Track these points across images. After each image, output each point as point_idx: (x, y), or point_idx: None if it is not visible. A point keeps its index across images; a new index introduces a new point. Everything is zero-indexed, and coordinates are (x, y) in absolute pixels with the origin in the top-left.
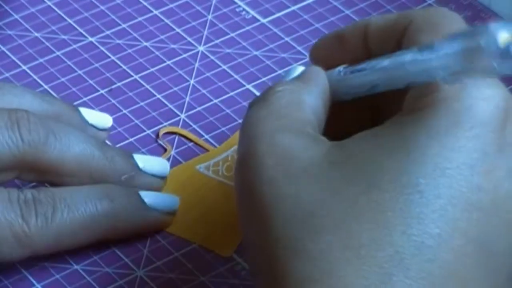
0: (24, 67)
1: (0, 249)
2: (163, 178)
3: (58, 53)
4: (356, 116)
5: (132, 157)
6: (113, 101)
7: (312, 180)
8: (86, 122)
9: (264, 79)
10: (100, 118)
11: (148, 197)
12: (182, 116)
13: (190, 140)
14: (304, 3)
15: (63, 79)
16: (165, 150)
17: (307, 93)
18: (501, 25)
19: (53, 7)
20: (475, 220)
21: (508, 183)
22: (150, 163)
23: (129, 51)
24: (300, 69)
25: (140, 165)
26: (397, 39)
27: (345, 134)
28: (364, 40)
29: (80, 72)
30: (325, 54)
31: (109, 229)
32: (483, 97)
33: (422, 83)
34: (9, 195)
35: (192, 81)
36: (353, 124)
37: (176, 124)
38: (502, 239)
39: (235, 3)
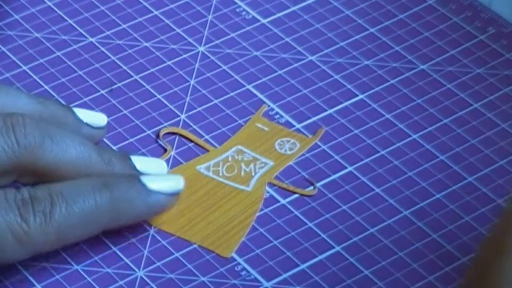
0: (24, 68)
1: (2, 251)
2: None
3: (58, 53)
4: None
5: (130, 159)
6: (113, 101)
7: None
8: (81, 121)
9: (264, 79)
10: (94, 117)
11: (150, 181)
12: (182, 116)
13: (191, 141)
14: (304, 4)
15: (63, 80)
16: (165, 150)
17: None
18: None
19: (54, 7)
20: None
21: None
22: (148, 164)
23: (130, 51)
24: None
25: (138, 166)
26: None
27: None
28: None
29: (80, 72)
30: None
31: (111, 219)
32: None
33: None
34: (5, 195)
35: (192, 82)
36: None
37: (176, 124)
38: None
39: (236, 3)
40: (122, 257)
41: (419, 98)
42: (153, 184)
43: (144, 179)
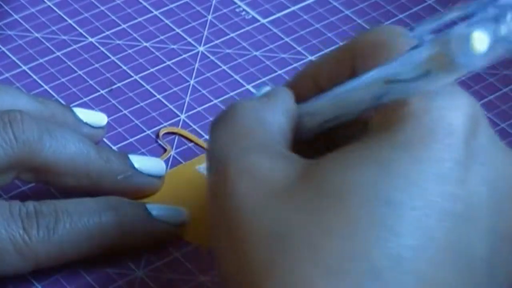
0: (24, 68)
1: (3, 262)
2: (159, 178)
3: (58, 53)
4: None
5: (128, 158)
6: (113, 101)
7: (283, 200)
8: (81, 121)
9: (264, 79)
10: (94, 116)
11: (156, 209)
12: (182, 116)
13: (190, 141)
14: (304, 4)
15: (63, 80)
16: (165, 150)
17: (269, 110)
18: (470, 28)
19: (53, 7)
20: (451, 228)
21: (482, 189)
22: (146, 163)
23: (129, 51)
24: (266, 88)
25: (136, 165)
26: (349, 73)
27: (316, 152)
28: (316, 85)
29: (80, 72)
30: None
31: (114, 241)
32: (451, 107)
33: (381, 104)
34: (10, 208)
35: (192, 82)
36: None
37: (176, 124)
38: (480, 245)
39: (235, 3)
40: (122, 256)
41: None
42: (157, 211)
43: (149, 206)
